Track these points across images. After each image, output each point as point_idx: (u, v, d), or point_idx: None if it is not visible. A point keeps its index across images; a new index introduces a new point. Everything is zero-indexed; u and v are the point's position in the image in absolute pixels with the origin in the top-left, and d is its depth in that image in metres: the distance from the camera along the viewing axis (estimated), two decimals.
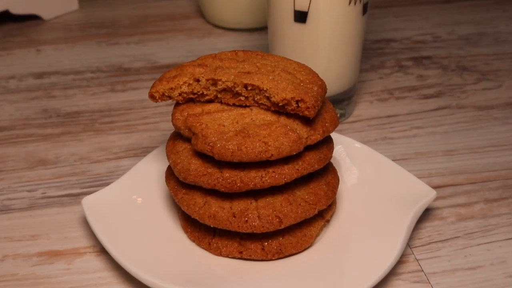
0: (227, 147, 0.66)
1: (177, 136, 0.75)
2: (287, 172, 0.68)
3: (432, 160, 0.89)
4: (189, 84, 0.72)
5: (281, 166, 0.69)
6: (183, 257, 0.71)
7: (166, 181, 0.75)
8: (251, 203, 0.70)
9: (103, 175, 0.87)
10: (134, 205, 0.77)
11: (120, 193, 0.78)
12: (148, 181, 0.80)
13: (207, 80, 0.71)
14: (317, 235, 0.74)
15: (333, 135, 0.82)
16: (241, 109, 0.71)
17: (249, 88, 0.70)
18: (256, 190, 0.70)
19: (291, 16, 0.86)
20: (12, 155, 0.90)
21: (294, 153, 0.68)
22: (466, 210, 0.81)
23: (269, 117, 0.70)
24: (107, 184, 0.83)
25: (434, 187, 0.83)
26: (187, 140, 0.73)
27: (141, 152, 0.91)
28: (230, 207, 0.69)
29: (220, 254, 0.71)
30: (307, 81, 0.70)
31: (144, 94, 1.02)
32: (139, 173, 0.80)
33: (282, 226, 0.69)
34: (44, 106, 1.01)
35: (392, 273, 0.72)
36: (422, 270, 0.72)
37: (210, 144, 0.67)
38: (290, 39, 0.89)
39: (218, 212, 0.69)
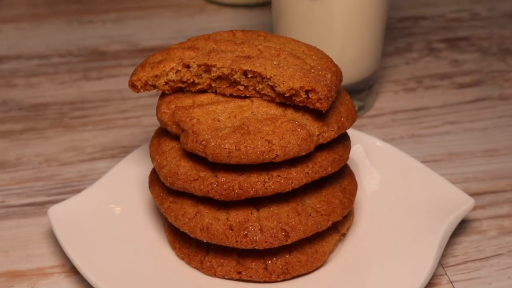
0: (223, 146, 0.66)
1: (163, 133, 0.75)
2: (295, 177, 0.68)
3: (469, 162, 0.89)
4: (178, 71, 0.72)
5: (288, 169, 0.69)
6: (170, 279, 0.71)
7: (149, 187, 0.75)
8: (251, 214, 0.70)
9: (74, 180, 0.87)
10: (111, 216, 0.77)
11: (95, 202, 0.78)
12: (128, 187, 0.80)
13: (199, 66, 0.71)
14: (331, 252, 0.74)
15: (350, 132, 0.82)
16: (239, 100, 0.71)
17: (249, 75, 0.70)
18: (258, 198, 0.70)
19: None
20: None
21: (304, 154, 0.68)
22: (510, 222, 0.81)
23: (273, 110, 0.70)
24: (79, 191, 0.83)
25: (472, 195, 0.83)
26: (175, 138, 0.73)
27: (120, 152, 0.91)
28: (227, 218, 0.69)
29: (214, 275, 0.71)
30: (319, 67, 0.70)
31: (123, 82, 1.02)
32: (117, 177, 0.80)
33: (289, 241, 0.69)
34: (3, 97, 1.01)
35: None
36: None
37: (203, 142, 0.67)
38: (298, 16, 0.88)
39: (212, 224, 0.69)
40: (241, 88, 0.71)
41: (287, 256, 0.71)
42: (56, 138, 0.94)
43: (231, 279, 0.71)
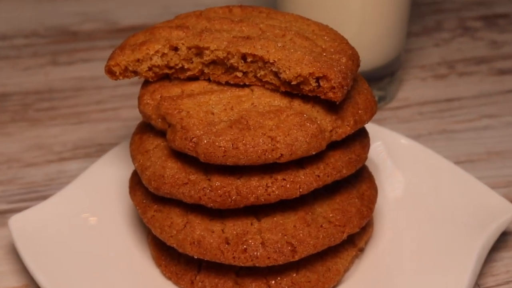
0: (217, 144, 0.66)
1: (146, 128, 0.75)
2: (303, 180, 0.69)
3: (510, 163, 0.90)
4: (163, 54, 0.72)
5: (295, 172, 0.69)
6: None
7: (130, 193, 0.76)
8: (251, 225, 0.70)
9: (40, 184, 0.87)
10: (84, 227, 0.77)
11: (65, 211, 0.78)
12: (104, 193, 0.80)
13: (189, 48, 0.72)
14: (346, 270, 0.74)
15: (369, 127, 0.82)
16: (237, 90, 0.71)
17: (248, 59, 0.70)
18: (259, 205, 0.70)
19: None
20: None
21: (313, 153, 0.68)
22: None
23: (278, 101, 0.70)
24: (45, 198, 0.83)
25: None
26: (161, 134, 0.73)
27: (95, 151, 0.91)
28: (222, 230, 0.70)
29: None
30: (332, 50, 0.71)
31: (99, 68, 1.02)
32: (92, 181, 0.81)
33: (296, 258, 0.69)
34: None
35: None
36: None
37: (194, 139, 0.67)
38: None
39: (205, 237, 0.69)
40: (239, 75, 0.71)
41: (294, 275, 0.71)
42: (18, 134, 0.94)
43: None
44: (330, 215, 0.71)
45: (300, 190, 0.68)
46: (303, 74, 0.68)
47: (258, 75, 0.70)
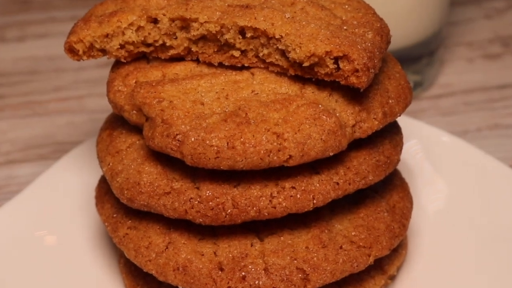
0: (208, 142, 0.66)
1: (118, 123, 0.76)
2: (318, 189, 0.69)
3: None
4: (139, 28, 0.73)
5: (308, 178, 0.69)
6: None
7: (97, 205, 0.76)
8: (252, 246, 0.70)
9: None
10: (40, 248, 0.77)
11: (14, 227, 0.78)
12: (64, 205, 0.81)
13: (172, 20, 0.72)
14: None
15: (402, 121, 0.82)
16: (234, 73, 0.72)
17: (248, 34, 0.70)
18: (262, 221, 0.70)
19: None
20: None
21: (331, 154, 0.68)
22: None
23: (285, 87, 0.70)
24: None
25: None
26: (136, 130, 0.74)
27: (52, 151, 0.92)
28: (214, 253, 0.70)
29: None
30: (355, 23, 0.71)
31: (57, 45, 0.99)
32: (48, 190, 0.81)
33: None
34: None
35: None
36: None
37: (178, 137, 0.67)
38: None
39: (192, 261, 0.70)
40: (236, 54, 0.71)
41: None
42: None
43: None
44: (353, 234, 0.71)
45: (314, 201, 0.68)
46: (318, 53, 0.67)
47: (260, 54, 0.70)
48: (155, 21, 0.72)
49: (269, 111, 0.68)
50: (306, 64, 0.68)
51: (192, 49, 0.72)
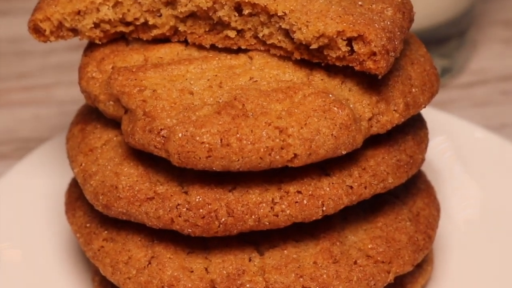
0: (198, 139, 0.66)
1: (91, 116, 0.76)
2: (329, 194, 0.69)
3: None
4: (117, 3, 0.73)
5: (316, 181, 0.69)
6: None
7: (67, 213, 0.76)
8: (250, 260, 0.70)
9: None
10: (2, 264, 0.77)
11: None
12: (29, 213, 0.81)
13: None
14: None
15: (428, 114, 0.81)
16: (228, 57, 0.72)
17: (246, 11, 0.70)
18: (262, 232, 0.70)
19: None
20: None
21: (344, 153, 0.68)
22: None
23: (290, 74, 0.71)
24: None
25: None
26: (113, 124, 0.74)
27: (14, 149, 0.92)
28: (206, 269, 0.70)
29: None
30: None
31: (20, 25, 1.00)
32: (10, 195, 0.81)
33: None
34: None
35: None
36: None
37: (163, 132, 0.67)
38: None
39: (179, 279, 0.70)
40: (232, 34, 0.71)
41: None
42: None
43: None
44: (369, 247, 0.72)
45: (324, 208, 0.68)
46: (328, 33, 0.67)
47: (260, 35, 0.71)
48: None
49: (271, 101, 0.68)
50: (314, 46, 0.68)
51: (180, 29, 0.72)
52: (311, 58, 0.70)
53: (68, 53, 1.00)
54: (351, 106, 0.69)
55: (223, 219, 0.68)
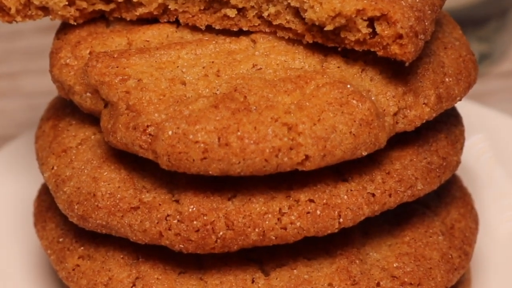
0: (192, 137, 0.66)
1: (65, 110, 0.76)
2: (347, 203, 0.68)
3: None
4: None
5: (332, 188, 0.69)
6: None
7: (35, 225, 0.76)
8: (253, 282, 0.70)
9: None
10: None
11: None
12: None
13: None
14: None
15: (464, 108, 0.82)
16: (228, 40, 0.72)
17: None
18: (267, 248, 0.70)
19: None
20: None
21: (364, 154, 0.68)
22: None
23: (300, 60, 0.70)
24: None
25: None
26: (91, 120, 0.74)
27: None
28: None
29: None
30: None
31: None
32: None
33: None
34: None
35: None
36: None
37: (150, 129, 0.67)
38: None
39: None
40: (232, 13, 0.71)
41: None
42: None
43: None
44: (394, 265, 0.71)
45: (340, 220, 0.68)
46: (346, 12, 0.67)
47: (265, 14, 0.70)
48: None
49: (277, 93, 0.67)
50: (329, 27, 0.68)
51: (169, 7, 0.72)
52: (326, 41, 0.69)
53: (38, 36, 1.00)
54: (372, 98, 0.68)
55: (221, 233, 0.67)
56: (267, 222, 0.67)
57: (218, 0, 0.71)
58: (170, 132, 0.66)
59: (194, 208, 0.68)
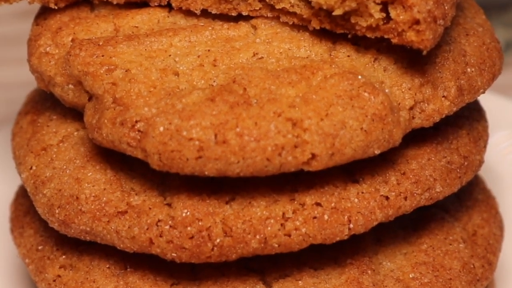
0: (185, 133, 0.66)
1: (45, 103, 0.77)
2: (358, 207, 0.68)
3: None
4: None
5: (341, 190, 0.69)
6: None
7: (12, 232, 0.77)
8: None
9: None
10: None
11: None
12: None
13: None
14: None
15: (488, 101, 0.82)
16: (225, 26, 0.72)
17: None
18: (270, 257, 0.70)
19: None
20: None
21: (377, 153, 0.68)
22: None
23: (306, 48, 0.71)
24: None
25: None
26: (74, 115, 0.74)
27: None
28: None
29: None
30: None
31: None
32: None
33: None
34: None
35: None
36: None
37: (139, 125, 0.67)
38: None
39: None
40: None
41: None
42: None
43: None
44: (410, 276, 0.72)
45: (351, 225, 0.68)
46: None
47: None
48: None
49: (281, 85, 0.68)
50: (338, 12, 0.68)
51: None
52: (334, 28, 0.70)
53: (14, 21, 1.00)
54: (386, 91, 0.69)
55: (218, 240, 0.68)
56: (269, 228, 0.67)
57: None
58: (161, 128, 0.66)
59: (188, 213, 0.68)
